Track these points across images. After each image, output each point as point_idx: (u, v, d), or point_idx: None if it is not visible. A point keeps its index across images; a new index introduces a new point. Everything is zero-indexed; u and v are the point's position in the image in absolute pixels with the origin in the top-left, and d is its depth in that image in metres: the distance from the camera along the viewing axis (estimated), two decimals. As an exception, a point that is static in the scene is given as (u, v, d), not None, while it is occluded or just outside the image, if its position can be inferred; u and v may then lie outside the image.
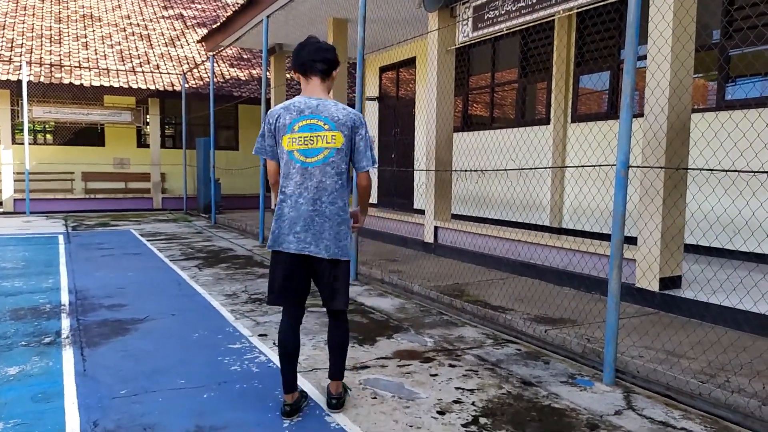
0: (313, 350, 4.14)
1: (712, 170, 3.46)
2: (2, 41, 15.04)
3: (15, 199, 14.25)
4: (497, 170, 5.79)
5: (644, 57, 5.13)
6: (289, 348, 3.09)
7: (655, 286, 5.03)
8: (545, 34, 8.47)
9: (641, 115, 5.33)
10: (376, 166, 3.18)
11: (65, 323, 4.77)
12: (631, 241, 5.22)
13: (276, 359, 3.94)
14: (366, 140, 3.05)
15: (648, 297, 5.08)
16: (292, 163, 2.98)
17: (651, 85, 4.94)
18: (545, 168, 6.22)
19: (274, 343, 4.29)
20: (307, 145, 2.96)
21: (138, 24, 18.29)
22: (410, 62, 11.82)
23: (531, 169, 5.27)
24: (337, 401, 3.15)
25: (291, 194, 2.99)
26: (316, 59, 3.02)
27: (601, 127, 7.30)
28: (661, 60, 4.87)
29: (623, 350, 3.88)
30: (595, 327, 4.50)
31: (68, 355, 3.98)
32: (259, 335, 4.51)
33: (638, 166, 4.18)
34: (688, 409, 3.26)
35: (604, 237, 6.21)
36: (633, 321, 4.68)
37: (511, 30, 7.00)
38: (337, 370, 3.18)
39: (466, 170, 6.86)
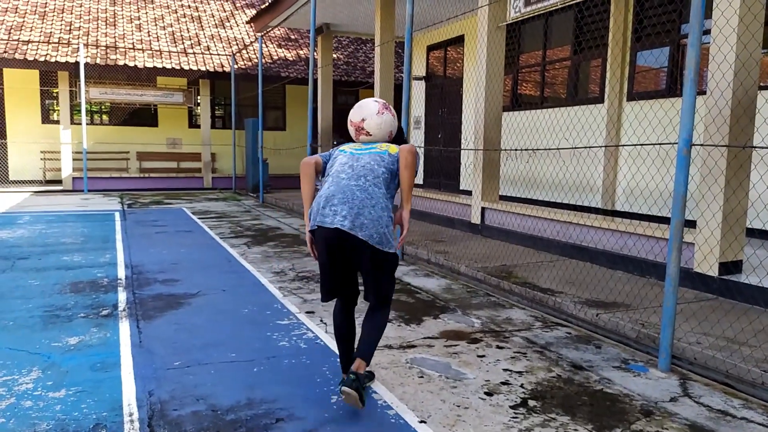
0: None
1: (783, 149, 3.25)
2: (61, 24, 15.55)
3: (74, 178, 14.83)
4: (549, 149, 5.62)
5: (707, 32, 4.85)
6: (341, 329, 3.05)
7: (714, 271, 4.81)
8: (601, 8, 8.13)
9: (702, 93, 5.06)
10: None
11: (122, 296, 4.94)
12: (690, 224, 4.99)
13: (323, 336, 3.98)
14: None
15: (707, 282, 4.87)
16: (342, 153, 3.03)
17: (717, 59, 4.67)
18: (600, 147, 5.99)
19: (321, 320, 4.33)
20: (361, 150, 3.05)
21: (189, 6, 18.57)
22: (458, 40, 11.59)
23: (585, 148, 5.10)
24: (352, 380, 2.70)
25: (334, 173, 2.95)
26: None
27: (662, 105, 6.99)
28: (729, 32, 4.59)
29: (680, 336, 3.73)
30: (650, 312, 4.35)
31: (125, 327, 4.12)
32: (306, 312, 4.56)
33: (702, 145, 3.96)
34: (749, 398, 3.12)
35: (658, 219, 5.97)
36: (691, 306, 4.50)
37: (566, 4, 6.74)
38: (364, 348, 2.88)
39: (515, 149, 6.69)
